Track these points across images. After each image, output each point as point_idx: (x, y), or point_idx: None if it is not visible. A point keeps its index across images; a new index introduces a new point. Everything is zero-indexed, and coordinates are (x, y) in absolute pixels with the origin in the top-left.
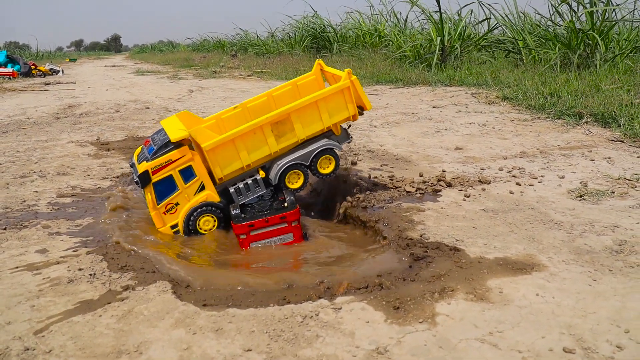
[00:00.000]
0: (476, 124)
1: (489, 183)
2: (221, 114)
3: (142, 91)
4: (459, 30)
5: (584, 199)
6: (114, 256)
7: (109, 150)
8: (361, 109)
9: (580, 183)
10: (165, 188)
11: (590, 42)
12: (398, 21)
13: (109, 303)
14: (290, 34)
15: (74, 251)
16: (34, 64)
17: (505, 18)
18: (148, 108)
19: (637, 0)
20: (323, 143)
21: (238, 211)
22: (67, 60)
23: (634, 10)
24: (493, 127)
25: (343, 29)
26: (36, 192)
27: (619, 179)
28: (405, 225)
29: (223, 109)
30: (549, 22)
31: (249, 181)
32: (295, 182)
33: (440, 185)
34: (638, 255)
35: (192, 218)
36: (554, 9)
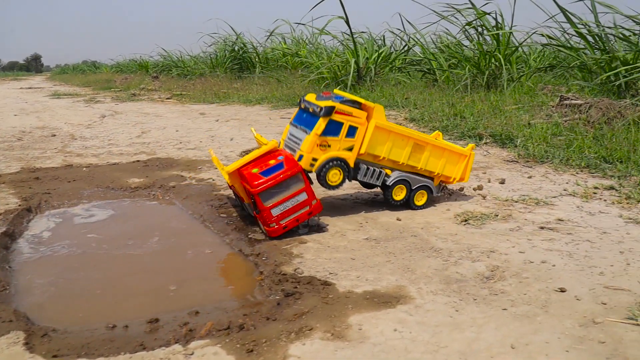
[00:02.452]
0: None
1: (379, 210)
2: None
3: (53, 116)
4: (373, 51)
5: (468, 223)
6: None
7: None
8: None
9: (469, 206)
10: (332, 129)
11: (497, 63)
12: (318, 42)
13: None
14: (212, 55)
15: None
16: None
17: (420, 40)
18: (54, 135)
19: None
20: (428, 181)
21: None
22: None
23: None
24: None
25: (265, 51)
26: None
27: (506, 200)
28: (282, 259)
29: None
30: (462, 43)
31: (377, 169)
32: (397, 193)
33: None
34: (505, 281)
35: (330, 163)
36: (461, 32)
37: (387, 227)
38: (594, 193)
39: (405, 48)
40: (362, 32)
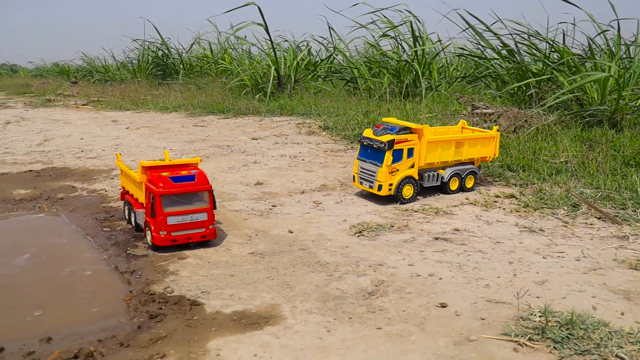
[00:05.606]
0: (288, 156)
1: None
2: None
3: None
4: (293, 59)
5: (362, 234)
6: None
7: None
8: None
9: (367, 217)
10: (396, 156)
11: (416, 72)
12: (243, 50)
13: None
14: (134, 60)
15: None
16: None
17: (344, 48)
18: None
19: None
20: (471, 167)
21: None
22: None
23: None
24: (303, 159)
25: (190, 57)
26: None
27: (405, 210)
28: (155, 277)
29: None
30: (386, 52)
31: (434, 173)
32: (453, 185)
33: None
34: (387, 297)
35: (403, 182)
36: (377, 41)
37: (277, 240)
38: (495, 202)
39: (329, 56)
40: (287, 39)
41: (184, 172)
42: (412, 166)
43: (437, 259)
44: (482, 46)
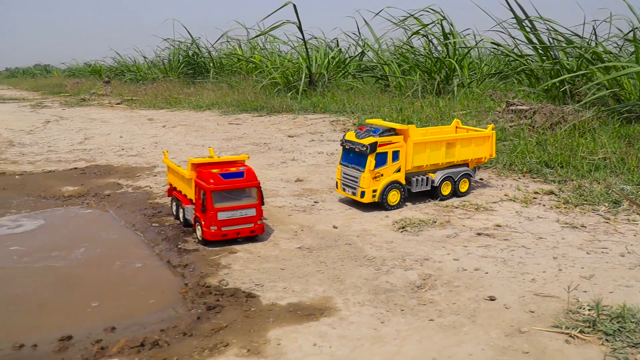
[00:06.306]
0: (325, 153)
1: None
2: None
3: None
4: (325, 57)
5: (405, 230)
6: None
7: None
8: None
9: (408, 213)
10: (380, 160)
11: (448, 69)
12: (273, 48)
13: None
14: (165, 60)
15: None
16: None
17: (374, 46)
18: None
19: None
20: (465, 169)
21: None
22: None
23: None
24: None
25: (220, 55)
26: None
27: (446, 206)
28: (209, 270)
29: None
30: (417, 49)
31: (423, 177)
32: (445, 189)
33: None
34: (436, 290)
35: (388, 188)
36: (408, 39)
37: (323, 235)
38: (534, 198)
39: (360, 54)
40: (316, 37)
41: (232, 169)
42: (399, 170)
43: (481, 254)
44: (516, 39)
